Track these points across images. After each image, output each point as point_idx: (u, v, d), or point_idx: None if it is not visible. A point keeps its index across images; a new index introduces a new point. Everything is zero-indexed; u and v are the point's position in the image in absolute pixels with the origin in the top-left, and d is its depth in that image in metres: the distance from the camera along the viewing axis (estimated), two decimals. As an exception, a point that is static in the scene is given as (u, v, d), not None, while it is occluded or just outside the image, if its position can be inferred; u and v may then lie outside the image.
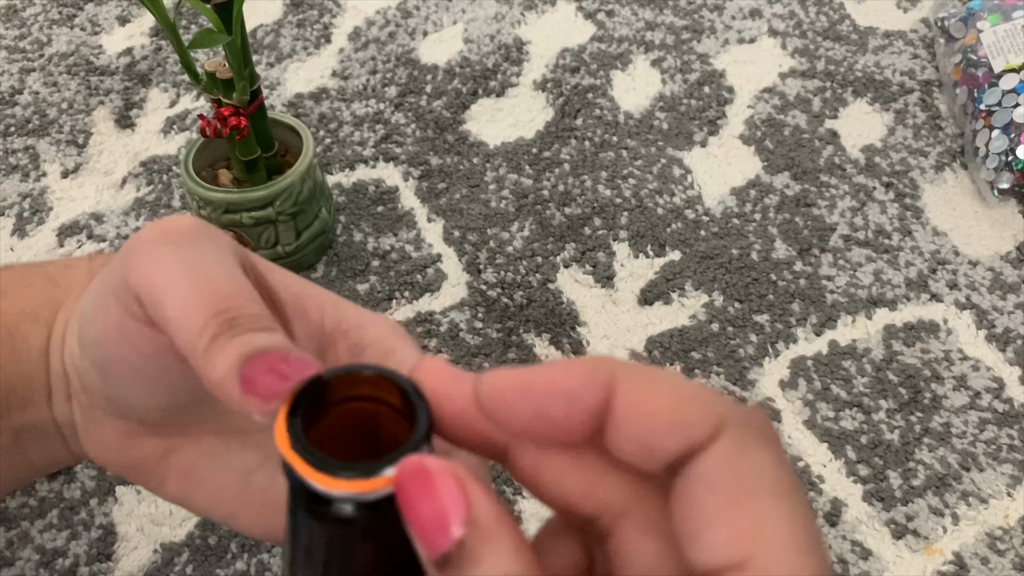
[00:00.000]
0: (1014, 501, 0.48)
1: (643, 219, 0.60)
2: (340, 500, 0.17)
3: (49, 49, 0.73)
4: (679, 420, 0.16)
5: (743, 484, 0.15)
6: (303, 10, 0.76)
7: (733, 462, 0.16)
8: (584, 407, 0.16)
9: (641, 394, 0.16)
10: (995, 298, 0.57)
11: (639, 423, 0.16)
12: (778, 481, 0.15)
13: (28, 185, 0.63)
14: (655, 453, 0.16)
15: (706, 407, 0.16)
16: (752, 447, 0.16)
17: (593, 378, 0.16)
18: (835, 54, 0.72)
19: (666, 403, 0.16)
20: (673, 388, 0.16)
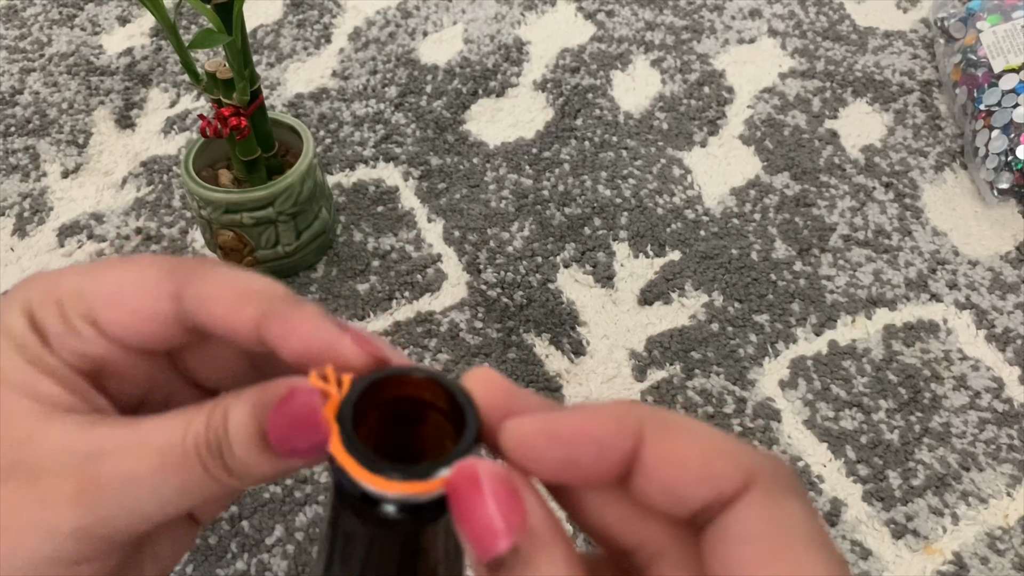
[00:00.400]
0: (1014, 501, 0.48)
1: (643, 219, 0.60)
2: (391, 502, 0.17)
3: (49, 49, 0.73)
4: (708, 472, 0.16)
5: (779, 535, 0.16)
6: (303, 10, 0.76)
7: (767, 514, 0.16)
8: (613, 456, 0.17)
9: (670, 444, 0.17)
10: (995, 298, 0.57)
11: (668, 473, 0.16)
12: (811, 531, 0.16)
13: (28, 185, 0.63)
14: (683, 502, 0.16)
15: (735, 460, 0.16)
16: (782, 499, 0.16)
17: (622, 426, 0.17)
18: (835, 54, 0.72)
19: (696, 454, 0.16)
20: (702, 439, 0.17)
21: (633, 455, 0.17)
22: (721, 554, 0.16)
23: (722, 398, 0.52)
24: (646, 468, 0.17)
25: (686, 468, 0.16)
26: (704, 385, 0.52)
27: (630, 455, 0.17)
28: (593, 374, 0.53)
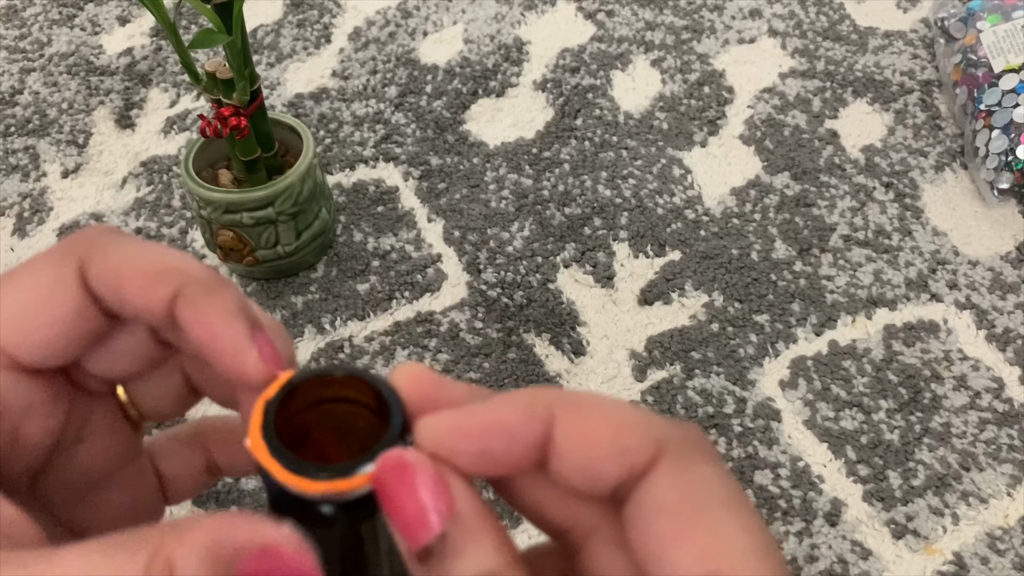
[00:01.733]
0: (1014, 501, 0.48)
1: (643, 219, 0.60)
2: (320, 502, 0.17)
3: (49, 49, 0.73)
4: (618, 447, 0.16)
5: (693, 502, 0.16)
6: (303, 10, 0.76)
7: (679, 482, 0.16)
8: (525, 443, 0.17)
9: (580, 424, 0.16)
10: (995, 298, 0.57)
11: (580, 453, 0.16)
12: (725, 493, 0.16)
13: (28, 185, 0.63)
14: (598, 480, 0.16)
15: (643, 431, 0.16)
16: (694, 465, 0.16)
17: (531, 412, 0.17)
18: (835, 54, 0.72)
19: (605, 431, 0.16)
20: (610, 415, 0.17)
21: (545, 439, 0.17)
22: (638, 527, 0.16)
23: (722, 398, 0.52)
24: (559, 450, 0.17)
25: (597, 446, 0.16)
26: (704, 385, 0.52)
27: (542, 440, 0.17)
28: (593, 374, 0.53)
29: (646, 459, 0.16)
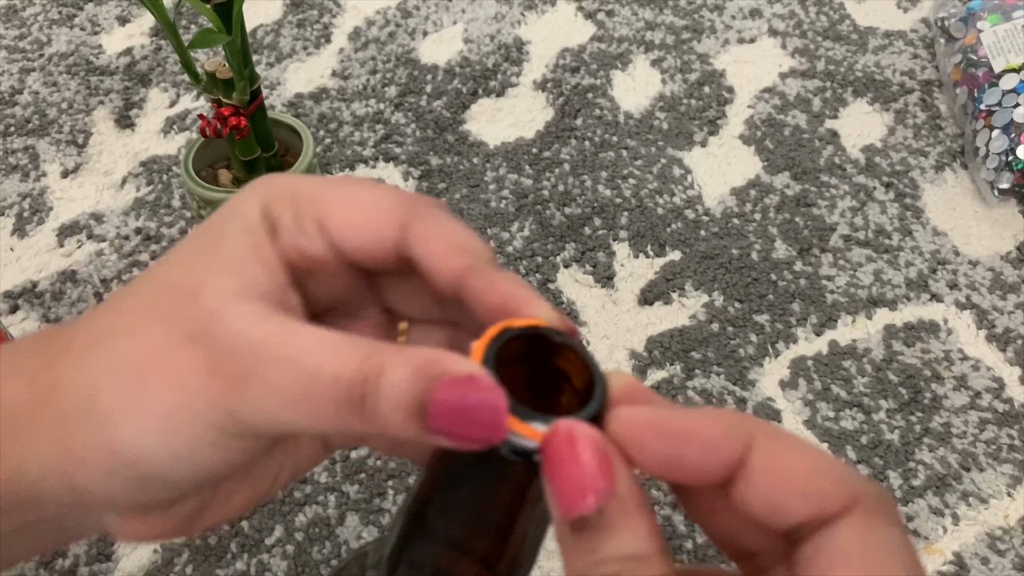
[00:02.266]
0: (1014, 501, 0.48)
1: (643, 219, 0.60)
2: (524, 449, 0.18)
3: (49, 49, 0.73)
4: (813, 489, 0.17)
5: (875, 559, 0.16)
6: (303, 10, 0.76)
7: (865, 537, 0.16)
8: (720, 459, 0.17)
9: (779, 456, 0.17)
10: (995, 298, 0.57)
11: (773, 484, 0.17)
12: (908, 560, 0.16)
13: (28, 185, 0.63)
14: (783, 516, 0.17)
15: (841, 480, 0.17)
16: (882, 525, 0.16)
17: (732, 432, 0.17)
18: (835, 54, 0.72)
19: (802, 470, 0.17)
20: (810, 456, 0.17)
21: (739, 463, 0.17)
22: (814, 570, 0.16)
23: (722, 398, 0.51)
24: (751, 477, 0.17)
25: (792, 482, 0.17)
26: (704, 385, 0.52)
27: (736, 461, 0.17)
28: (593, 374, 0.53)
29: (838, 507, 0.16)
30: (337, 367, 0.19)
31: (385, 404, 0.19)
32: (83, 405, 0.21)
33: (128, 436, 0.21)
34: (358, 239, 0.21)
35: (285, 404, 0.19)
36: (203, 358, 0.20)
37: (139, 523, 0.22)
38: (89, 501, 0.22)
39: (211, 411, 0.20)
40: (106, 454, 0.21)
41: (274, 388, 0.20)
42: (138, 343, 0.21)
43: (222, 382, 0.20)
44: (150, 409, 0.20)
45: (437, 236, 0.21)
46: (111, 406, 0.21)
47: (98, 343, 0.21)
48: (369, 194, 0.22)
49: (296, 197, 0.22)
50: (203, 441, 0.20)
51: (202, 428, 0.20)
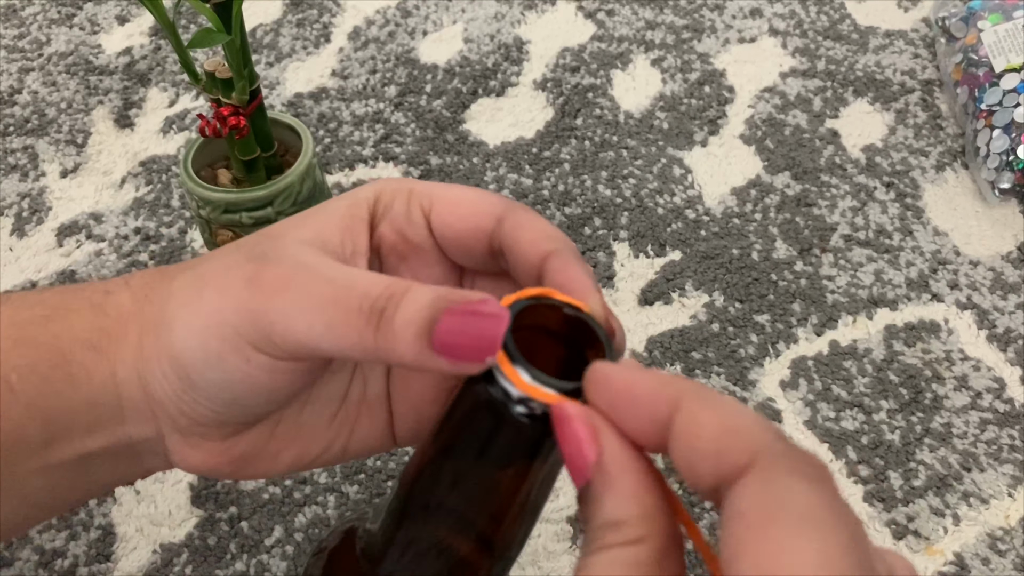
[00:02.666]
0: (1015, 502, 0.48)
1: (643, 219, 0.60)
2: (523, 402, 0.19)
3: (48, 49, 0.73)
4: (715, 448, 0.17)
5: (768, 513, 0.16)
6: (303, 9, 0.76)
7: (759, 492, 0.16)
8: (649, 416, 0.18)
9: (695, 417, 0.17)
10: (996, 298, 0.57)
11: (686, 445, 0.17)
12: (807, 508, 0.16)
13: (27, 185, 0.63)
14: (699, 476, 0.17)
15: (745, 438, 0.17)
16: (782, 477, 0.16)
17: (661, 392, 0.18)
18: (836, 53, 0.72)
19: (711, 430, 0.17)
20: (723, 416, 0.17)
21: (667, 422, 0.18)
22: (722, 531, 0.17)
23: (723, 398, 0.51)
24: (672, 438, 0.17)
25: (701, 441, 0.17)
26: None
27: (665, 421, 0.18)
28: (593, 374, 0.53)
29: (738, 465, 0.16)
30: (369, 285, 0.21)
31: (400, 318, 0.20)
32: (160, 311, 0.24)
33: (176, 335, 0.23)
34: (460, 226, 0.24)
35: (310, 309, 0.21)
36: (252, 271, 0.23)
37: (194, 449, 0.25)
38: (156, 410, 0.24)
39: (238, 315, 0.22)
40: (163, 354, 0.23)
41: (306, 294, 0.21)
42: (214, 263, 0.24)
43: (257, 289, 0.22)
44: (198, 312, 0.23)
45: (531, 226, 0.23)
46: (174, 311, 0.24)
47: (192, 266, 0.24)
48: (474, 193, 0.25)
49: (412, 191, 0.25)
50: (230, 346, 0.22)
51: (230, 332, 0.22)
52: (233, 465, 0.25)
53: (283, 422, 0.26)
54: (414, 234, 0.25)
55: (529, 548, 0.45)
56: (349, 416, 0.27)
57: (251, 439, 0.25)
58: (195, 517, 0.46)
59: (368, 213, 0.25)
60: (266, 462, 0.25)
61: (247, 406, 0.24)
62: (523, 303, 0.20)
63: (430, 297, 0.21)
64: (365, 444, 0.27)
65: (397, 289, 0.21)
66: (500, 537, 0.22)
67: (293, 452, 0.26)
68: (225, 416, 0.24)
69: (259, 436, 0.25)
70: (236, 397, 0.23)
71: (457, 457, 0.21)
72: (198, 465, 0.25)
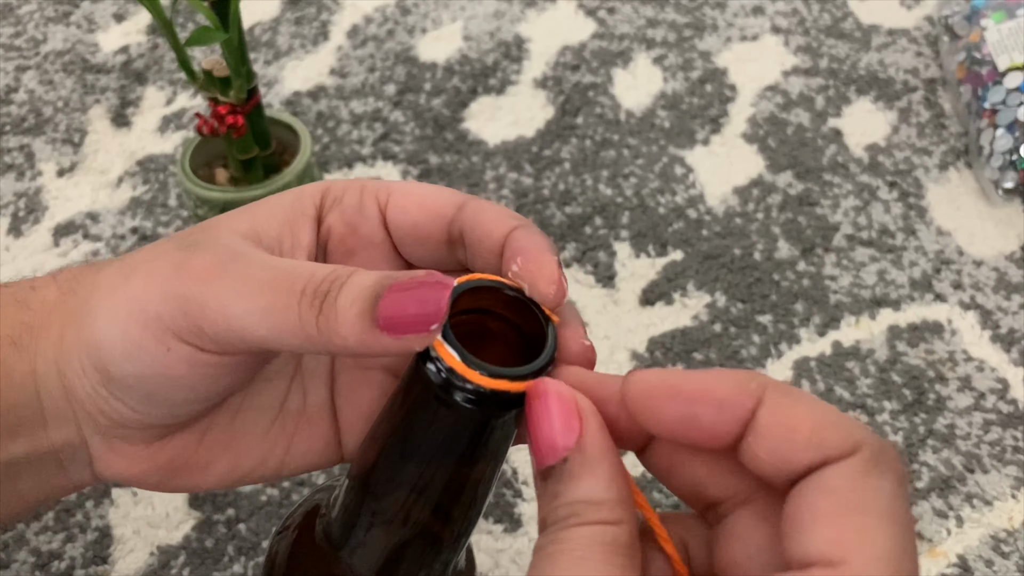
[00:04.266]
0: (1019, 503, 0.47)
1: (644, 218, 0.60)
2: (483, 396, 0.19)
3: (45, 47, 0.72)
4: (818, 440, 0.17)
5: (858, 500, 0.17)
6: (301, 7, 0.75)
7: (856, 479, 0.17)
8: (732, 416, 0.18)
9: (787, 410, 0.18)
10: (1000, 298, 0.56)
11: (780, 438, 0.17)
12: (892, 508, 0.17)
13: (23, 184, 0.63)
14: (789, 466, 0.17)
15: (846, 431, 0.17)
16: (877, 473, 0.17)
17: (744, 389, 0.18)
18: (838, 52, 0.72)
19: (808, 422, 0.17)
20: (816, 409, 0.18)
21: (751, 419, 0.18)
22: (797, 501, 0.17)
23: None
24: (759, 430, 0.18)
25: (797, 433, 0.17)
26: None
27: (748, 417, 0.18)
28: (594, 375, 0.53)
29: (839, 453, 0.17)
30: (314, 269, 0.21)
31: (344, 298, 0.20)
32: (83, 302, 0.23)
33: (98, 324, 0.22)
34: (418, 213, 0.23)
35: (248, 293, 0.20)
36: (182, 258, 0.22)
37: (117, 455, 0.24)
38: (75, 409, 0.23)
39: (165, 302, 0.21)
40: (83, 345, 0.22)
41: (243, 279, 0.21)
42: (144, 254, 0.23)
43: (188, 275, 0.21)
44: (122, 299, 0.22)
45: (493, 209, 0.23)
46: (98, 300, 0.23)
47: (122, 258, 0.23)
48: (433, 187, 0.24)
49: (366, 186, 0.24)
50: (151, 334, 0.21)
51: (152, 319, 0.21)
52: (159, 474, 0.24)
53: (212, 430, 0.24)
54: (366, 228, 0.24)
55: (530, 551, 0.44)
56: (287, 428, 0.25)
57: (177, 446, 0.24)
58: (192, 519, 0.45)
59: (314, 208, 0.24)
60: (196, 473, 0.24)
61: (165, 403, 0.23)
62: (465, 286, 0.21)
63: (376, 277, 0.20)
64: (305, 458, 0.26)
65: (342, 272, 0.21)
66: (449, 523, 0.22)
67: (224, 464, 0.25)
68: (144, 415, 0.23)
69: (186, 443, 0.24)
70: (153, 392, 0.22)
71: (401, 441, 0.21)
72: (122, 472, 0.24)
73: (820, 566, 0.16)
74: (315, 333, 0.20)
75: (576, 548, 0.17)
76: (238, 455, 0.25)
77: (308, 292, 0.20)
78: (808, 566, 0.16)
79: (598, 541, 0.17)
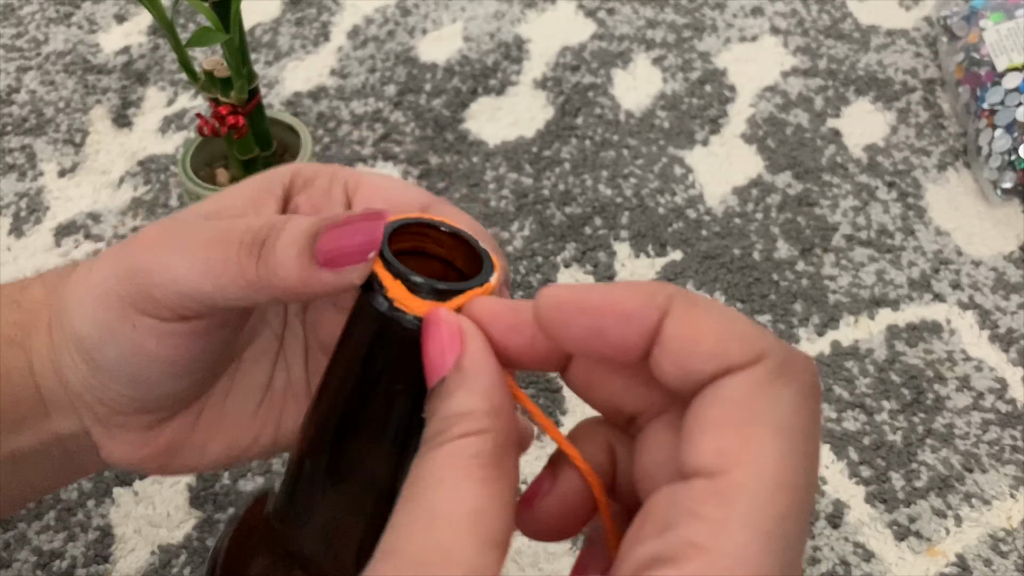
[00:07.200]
0: (1017, 503, 0.47)
1: (644, 219, 0.60)
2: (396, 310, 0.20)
3: (46, 48, 0.73)
4: (721, 350, 0.17)
5: (751, 410, 0.16)
6: (301, 8, 0.76)
7: (752, 389, 0.16)
8: (639, 329, 0.17)
9: (691, 320, 0.17)
10: (998, 298, 0.56)
11: (683, 349, 0.17)
12: (788, 420, 0.16)
13: (25, 184, 0.63)
14: (692, 377, 0.17)
15: (750, 340, 0.17)
16: (780, 384, 0.16)
17: (651, 301, 0.17)
18: (837, 52, 0.72)
19: (712, 332, 0.17)
20: (723, 319, 0.17)
21: (657, 329, 0.17)
22: (694, 410, 0.17)
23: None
24: (664, 342, 0.17)
25: (701, 343, 0.17)
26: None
27: (655, 330, 0.17)
28: (594, 375, 0.53)
29: (742, 362, 0.16)
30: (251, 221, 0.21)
31: (282, 242, 0.21)
32: (63, 298, 0.24)
33: (74, 316, 0.23)
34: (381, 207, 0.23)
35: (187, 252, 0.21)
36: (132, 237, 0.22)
37: (118, 442, 0.24)
38: (75, 401, 0.24)
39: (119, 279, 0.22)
40: (68, 340, 0.23)
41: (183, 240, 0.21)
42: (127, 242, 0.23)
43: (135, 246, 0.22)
44: (89, 287, 0.23)
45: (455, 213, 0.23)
46: (71, 292, 0.23)
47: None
48: (401, 182, 0.25)
49: (337, 171, 0.25)
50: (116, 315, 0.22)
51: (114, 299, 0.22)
52: (160, 458, 0.25)
53: (206, 412, 0.25)
54: (328, 207, 0.24)
55: (530, 550, 0.44)
56: (275, 405, 0.26)
57: (174, 429, 0.25)
58: (193, 518, 0.45)
59: (282, 187, 0.24)
60: (193, 454, 0.25)
61: (151, 383, 0.23)
62: (402, 222, 0.21)
63: (312, 219, 0.21)
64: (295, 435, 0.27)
65: (278, 220, 0.21)
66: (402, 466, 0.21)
67: (220, 444, 0.25)
68: (136, 398, 0.23)
69: (182, 426, 0.25)
70: (136, 373, 0.23)
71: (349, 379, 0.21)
72: (124, 458, 0.25)
73: (702, 477, 0.16)
74: (255, 279, 0.21)
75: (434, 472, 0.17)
76: (232, 435, 0.26)
77: (246, 242, 0.21)
78: (692, 476, 0.16)
79: (458, 455, 0.17)
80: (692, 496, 0.15)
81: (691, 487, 0.15)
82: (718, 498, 0.15)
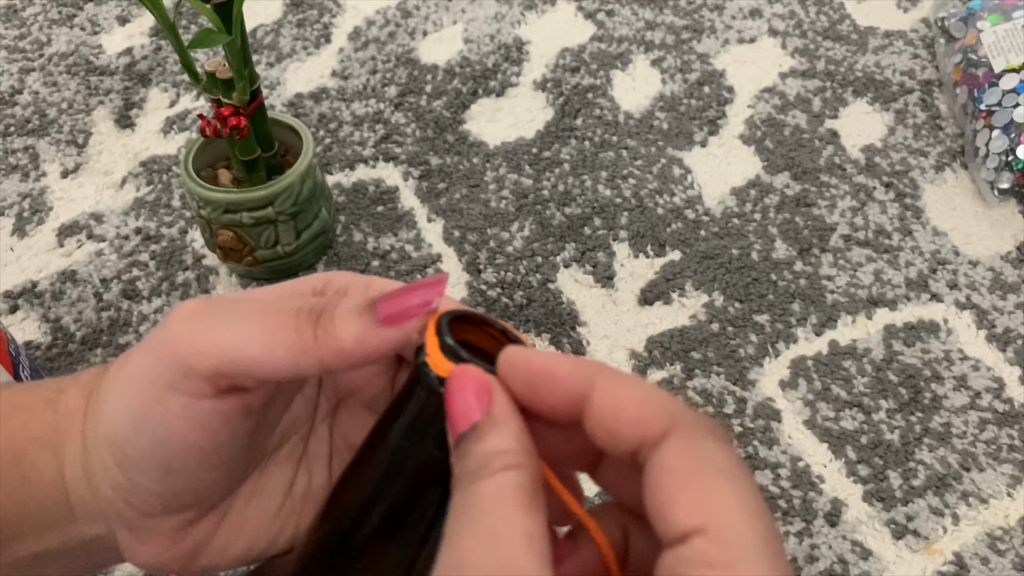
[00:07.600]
0: (1014, 501, 0.48)
1: (643, 219, 0.60)
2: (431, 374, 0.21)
3: (49, 49, 0.73)
4: (636, 416, 0.19)
5: (694, 467, 0.18)
6: (303, 10, 0.76)
7: (685, 451, 0.19)
8: (565, 390, 0.20)
9: (612, 392, 0.20)
10: (995, 298, 0.57)
11: (607, 416, 0.19)
12: (724, 464, 0.18)
13: (28, 185, 0.63)
14: (619, 442, 0.19)
15: (661, 408, 0.19)
16: (700, 439, 0.19)
17: (579, 371, 0.20)
18: (835, 54, 0.72)
19: (631, 401, 0.19)
20: (638, 391, 0.20)
21: (582, 397, 0.20)
22: (648, 488, 0.19)
23: (722, 398, 0.51)
24: (591, 411, 0.20)
25: (622, 411, 0.19)
26: (704, 385, 0.52)
27: (579, 395, 0.20)
28: (593, 374, 0.53)
29: (659, 430, 0.19)
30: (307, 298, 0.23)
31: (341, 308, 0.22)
32: (98, 399, 0.24)
33: (108, 410, 0.23)
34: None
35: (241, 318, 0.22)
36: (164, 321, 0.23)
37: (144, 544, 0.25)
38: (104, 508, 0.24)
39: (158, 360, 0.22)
40: (101, 440, 0.24)
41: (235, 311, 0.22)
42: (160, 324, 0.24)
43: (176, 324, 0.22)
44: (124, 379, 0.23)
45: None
46: (106, 389, 0.24)
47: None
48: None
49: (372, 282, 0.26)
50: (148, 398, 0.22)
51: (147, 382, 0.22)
52: (183, 560, 0.25)
53: (229, 514, 0.26)
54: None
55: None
56: (295, 509, 0.27)
57: (199, 532, 0.25)
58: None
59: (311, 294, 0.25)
60: (215, 555, 0.26)
61: (181, 474, 0.23)
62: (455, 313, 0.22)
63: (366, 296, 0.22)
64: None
65: (333, 299, 0.23)
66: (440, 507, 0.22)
67: (241, 545, 0.26)
68: (165, 494, 0.24)
69: (207, 529, 0.25)
70: (166, 462, 0.23)
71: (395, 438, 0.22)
72: (148, 559, 0.25)
73: (696, 535, 0.17)
74: (311, 343, 0.22)
75: (486, 498, 0.19)
76: (253, 537, 0.26)
77: (304, 311, 0.22)
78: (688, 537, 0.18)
79: (507, 486, 0.19)
80: (697, 551, 0.17)
81: (692, 546, 0.18)
82: (718, 545, 0.17)
